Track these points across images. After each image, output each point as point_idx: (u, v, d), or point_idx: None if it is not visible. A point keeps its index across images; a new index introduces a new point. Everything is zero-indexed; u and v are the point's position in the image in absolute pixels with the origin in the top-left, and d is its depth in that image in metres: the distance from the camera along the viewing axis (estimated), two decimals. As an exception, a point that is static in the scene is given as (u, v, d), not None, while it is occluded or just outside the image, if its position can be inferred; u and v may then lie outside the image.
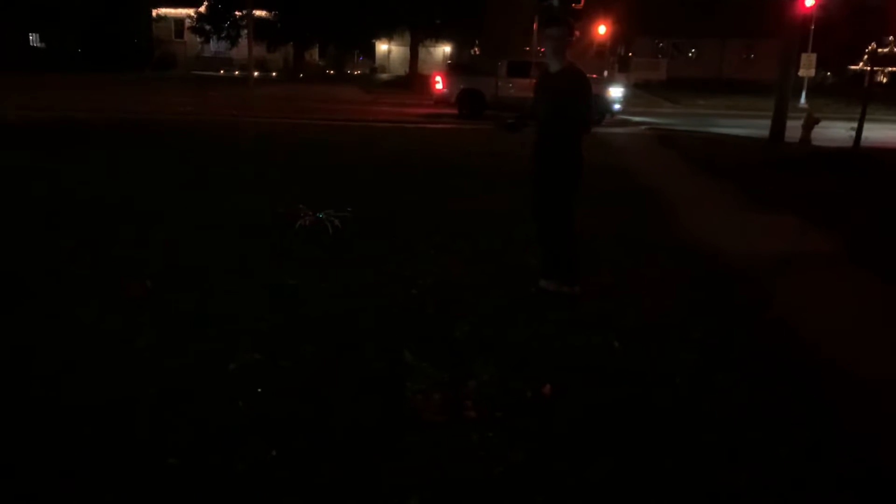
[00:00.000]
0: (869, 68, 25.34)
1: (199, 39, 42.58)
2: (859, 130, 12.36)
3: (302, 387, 3.49)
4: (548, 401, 3.44)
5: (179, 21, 46.37)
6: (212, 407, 3.29)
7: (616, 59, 44.90)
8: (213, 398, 3.37)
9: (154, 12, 46.36)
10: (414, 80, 35.56)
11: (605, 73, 29.87)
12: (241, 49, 38.05)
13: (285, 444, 3.01)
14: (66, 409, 3.24)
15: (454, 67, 30.88)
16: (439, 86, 20.17)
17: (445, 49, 50.51)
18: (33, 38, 46.08)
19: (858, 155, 11.90)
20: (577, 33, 5.44)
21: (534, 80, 5.16)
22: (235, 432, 3.09)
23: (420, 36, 38.49)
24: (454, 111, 19.88)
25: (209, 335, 4.09)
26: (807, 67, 25.83)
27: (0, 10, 40.02)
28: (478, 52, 50.56)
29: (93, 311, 4.40)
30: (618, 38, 44.31)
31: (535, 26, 32.24)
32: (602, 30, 37.90)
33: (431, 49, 46.39)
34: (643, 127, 18.77)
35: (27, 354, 3.79)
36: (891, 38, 31.24)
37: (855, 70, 43.70)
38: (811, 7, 17.42)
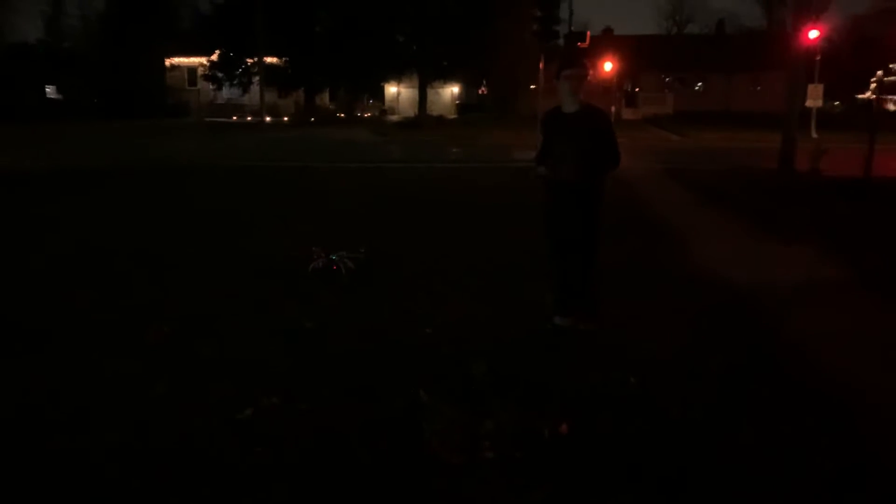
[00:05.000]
0: (876, 97, 25.39)
1: (211, 87, 43.44)
2: (869, 159, 12.34)
3: (319, 430, 3.49)
4: (566, 439, 3.41)
5: (192, 69, 47.42)
6: (230, 452, 3.29)
7: (623, 95, 45.27)
8: (231, 443, 3.37)
9: (168, 62, 47.47)
10: (423, 120, 36.00)
11: (613, 108, 30.17)
12: (253, 95, 38.76)
13: (303, 488, 3.00)
14: (80, 454, 3.25)
15: None
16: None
17: (453, 90, 51.23)
18: (50, 90, 47.21)
19: (868, 184, 11.86)
20: (591, 72, 5.49)
21: None
22: (253, 478, 3.08)
23: (428, 78, 39.11)
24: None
25: (226, 379, 4.10)
26: (814, 98, 25.92)
27: (17, 63, 41.13)
28: (485, 92, 51.20)
29: (111, 357, 4.44)
30: (624, 74, 44.75)
31: (541, 66, 32.69)
32: (608, 67, 38.30)
33: (440, 90, 47.10)
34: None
35: (47, 400, 3.81)
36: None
37: (863, 99, 43.84)
38: (815, 39, 17.55)
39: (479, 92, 53.58)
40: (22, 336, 4.80)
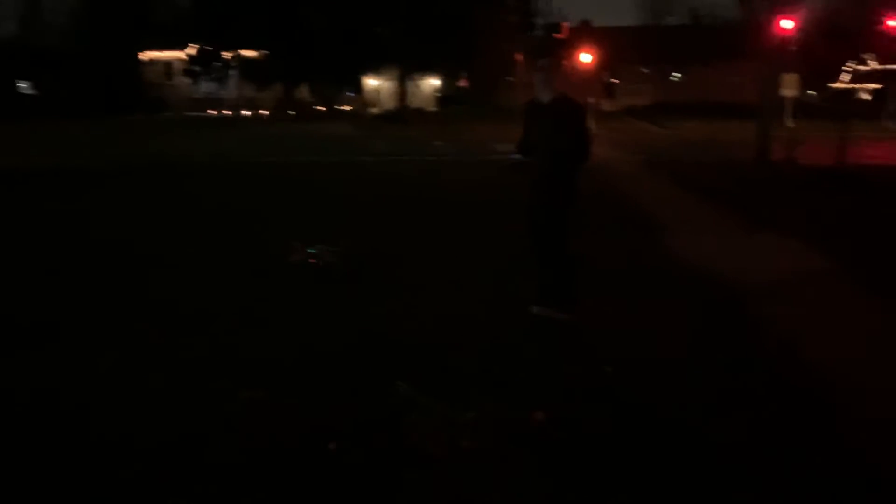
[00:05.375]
0: (850, 86, 25.73)
1: (188, 81, 43.03)
2: (842, 147, 12.55)
3: (301, 425, 3.52)
4: (545, 430, 3.47)
5: (169, 64, 46.94)
6: (215, 447, 3.32)
7: (602, 87, 45.44)
8: (216, 439, 3.40)
9: (144, 56, 46.95)
10: (404, 113, 35.94)
11: (592, 100, 30.31)
12: (231, 89, 38.49)
13: (289, 481, 3.04)
14: (72, 449, 3.26)
15: None
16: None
17: (434, 82, 51.12)
18: (25, 87, 46.53)
19: (842, 172, 12.06)
20: (566, 63, 5.50)
21: None
22: (238, 472, 3.11)
23: (408, 70, 39.01)
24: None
25: (208, 376, 4.11)
26: (789, 87, 26.21)
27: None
28: (465, 84, 51.16)
29: (104, 356, 4.44)
30: (603, 65, 44.91)
31: (519, 57, 32.74)
32: (586, 58, 38.42)
33: (420, 83, 46.98)
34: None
35: (42, 397, 3.82)
36: (869, 55, 31.79)
37: (837, 88, 44.33)
38: (790, 30, 17.74)
39: (460, 84, 53.52)
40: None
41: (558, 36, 22.99)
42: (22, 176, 14.20)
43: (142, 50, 46.26)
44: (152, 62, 47.57)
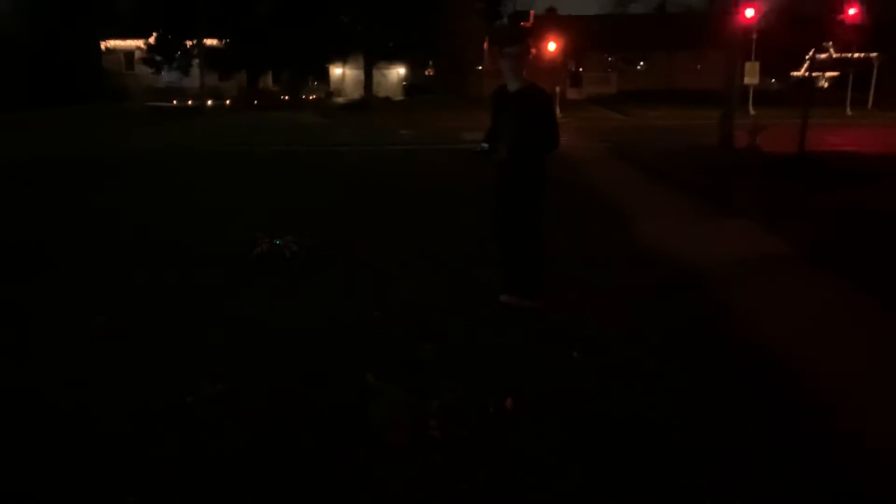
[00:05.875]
0: (809, 74, 26.17)
1: (150, 71, 42.14)
2: (802, 134, 12.73)
3: (266, 416, 3.46)
4: (513, 415, 3.46)
5: (129, 53, 45.90)
6: (172, 441, 3.24)
7: (567, 75, 45.61)
8: (175, 433, 3.32)
9: (103, 45, 45.83)
10: (370, 102, 35.66)
11: (558, 89, 30.40)
12: (194, 78, 37.77)
13: (251, 475, 2.98)
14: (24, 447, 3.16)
15: None
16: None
17: (400, 71, 50.83)
18: (-24, 77, 45.12)
19: (803, 158, 12.26)
20: (533, 51, 5.47)
21: None
22: (196, 467, 3.04)
23: (374, 59, 38.68)
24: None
25: (168, 369, 4.03)
26: (751, 75, 26.58)
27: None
28: (432, 73, 50.97)
29: (53, 347, 4.31)
30: (568, 54, 45.03)
31: (485, 45, 32.67)
32: (552, 46, 38.47)
33: (385, 71, 46.66)
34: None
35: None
36: (829, 44, 32.37)
37: (798, 76, 45.10)
38: (752, 18, 17.94)
39: (426, 73, 53.29)
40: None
41: (525, 24, 22.93)
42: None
43: (101, 38, 45.15)
44: (112, 51, 46.45)
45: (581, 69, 48.92)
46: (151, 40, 40.57)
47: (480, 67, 39.22)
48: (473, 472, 2.99)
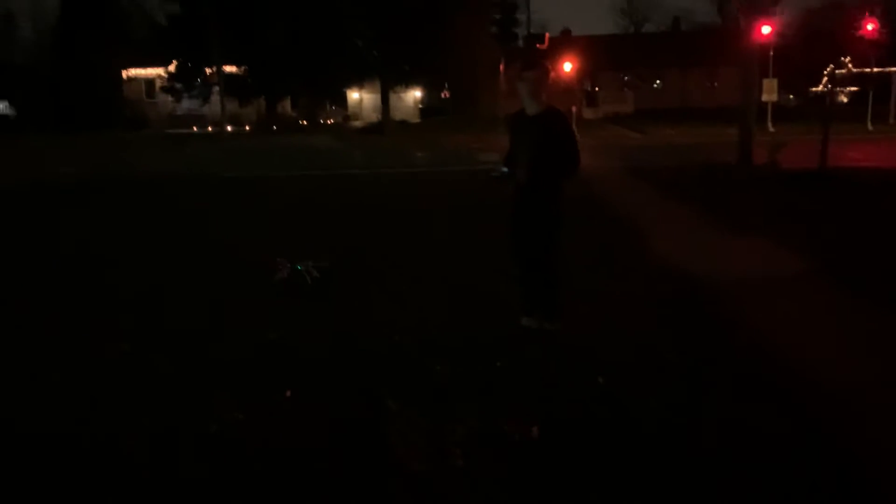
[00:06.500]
0: (829, 89, 26.00)
1: (170, 98, 42.79)
2: (824, 150, 12.62)
3: (285, 443, 3.43)
4: (536, 443, 3.40)
5: (150, 81, 46.69)
6: (194, 468, 3.22)
7: (583, 95, 45.69)
8: (196, 459, 3.30)
9: (124, 74, 46.68)
10: (386, 125, 35.90)
11: (574, 108, 30.46)
12: (213, 105, 38.29)
13: (271, 501, 2.95)
14: (43, 478, 3.15)
15: None
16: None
17: (416, 94, 51.21)
18: (3, 106, 46.18)
19: (825, 174, 12.13)
20: (552, 74, 5.44)
21: None
22: (218, 493, 3.02)
23: (390, 82, 38.98)
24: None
25: (190, 395, 4.02)
26: (769, 92, 26.45)
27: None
28: (447, 96, 51.28)
29: (68, 372, 4.32)
30: (583, 74, 45.14)
31: (501, 68, 32.85)
32: (568, 67, 38.61)
33: (402, 95, 47.00)
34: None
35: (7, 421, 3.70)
36: (847, 59, 32.21)
37: (816, 92, 44.87)
38: (768, 34, 17.90)
39: (442, 95, 53.65)
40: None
41: (541, 46, 22.98)
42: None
43: (122, 67, 46.00)
44: (133, 79, 47.32)
45: (597, 88, 49.01)
46: (171, 68, 41.25)
47: (496, 89, 39.39)
48: (495, 500, 2.93)
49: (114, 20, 45.48)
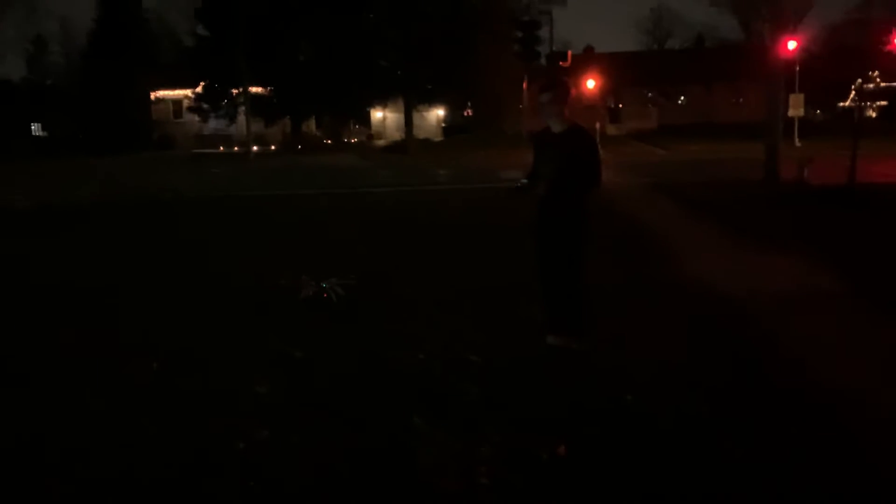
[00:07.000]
0: (857, 104, 25.72)
1: (197, 119, 43.48)
2: (853, 166, 12.46)
3: (313, 461, 3.44)
4: (564, 462, 3.37)
5: (177, 102, 47.54)
6: (222, 488, 3.24)
7: (607, 112, 45.68)
8: (224, 479, 3.32)
9: (152, 95, 47.60)
10: (410, 144, 36.12)
11: (598, 125, 30.44)
12: (240, 125, 38.80)
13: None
14: (72, 495, 3.19)
15: None
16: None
17: (439, 112, 51.52)
18: (35, 128, 47.26)
19: (854, 190, 11.97)
20: (573, 91, 5.48)
21: None
22: (248, 513, 3.03)
23: (413, 101, 39.27)
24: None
25: (217, 413, 4.05)
26: (796, 107, 26.26)
27: (2, 102, 41.22)
28: (470, 114, 51.52)
29: (100, 394, 4.38)
30: (607, 90, 45.14)
31: (524, 85, 32.97)
32: (591, 84, 38.65)
33: (425, 113, 47.32)
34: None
35: (36, 442, 3.75)
36: (875, 73, 31.87)
37: (844, 106, 44.40)
38: (794, 50, 17.79)
39: (465, 114, 53.90)
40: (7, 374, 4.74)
41: (564, 64, 23.04)
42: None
43: (150, 89, 46.92)
44: (160, 100, 48.23)
45: (620, 105, 48.97)
46: (199, 89, 41.94)
47: (519, 107, 39.49)
48: (526, 519, 2.92)
49: (142, 43, 46.45)
